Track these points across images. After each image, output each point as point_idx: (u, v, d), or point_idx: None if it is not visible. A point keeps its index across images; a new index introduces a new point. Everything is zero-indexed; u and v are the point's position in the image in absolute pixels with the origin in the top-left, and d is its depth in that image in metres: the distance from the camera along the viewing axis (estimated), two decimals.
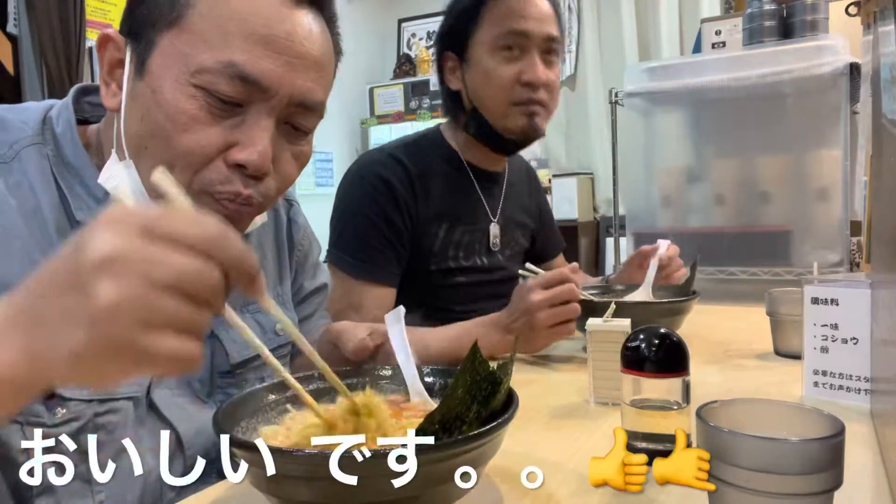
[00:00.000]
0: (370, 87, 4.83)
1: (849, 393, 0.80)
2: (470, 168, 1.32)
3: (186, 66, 0.62)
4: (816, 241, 1.70)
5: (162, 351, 0.40)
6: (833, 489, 0.43)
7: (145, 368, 0.42)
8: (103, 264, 0.39)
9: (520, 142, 1.28)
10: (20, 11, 2.88)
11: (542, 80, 1.21)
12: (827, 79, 1.62)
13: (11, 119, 0.69)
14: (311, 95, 0.68)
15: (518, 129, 1.24)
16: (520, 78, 1.21)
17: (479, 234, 1.33)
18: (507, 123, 1.24)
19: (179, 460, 0.70)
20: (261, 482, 0.49)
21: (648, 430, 0.64)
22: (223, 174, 0.65)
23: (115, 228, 0.40)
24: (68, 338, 0.41)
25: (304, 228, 0.94)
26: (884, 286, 0.65)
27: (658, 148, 2.04)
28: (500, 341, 1.01)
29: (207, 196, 0.66)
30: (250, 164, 0.65)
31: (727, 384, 0.90)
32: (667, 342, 0.64)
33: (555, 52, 1.25)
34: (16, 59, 2.89)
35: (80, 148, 0.69)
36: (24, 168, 0.66)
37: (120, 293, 0.39)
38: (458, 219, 1.29)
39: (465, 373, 0.50)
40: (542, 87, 1.22)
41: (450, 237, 1.28)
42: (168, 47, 0.63)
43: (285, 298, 0.88)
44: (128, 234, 0.40)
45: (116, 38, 0.67)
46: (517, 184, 1.45)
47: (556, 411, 0.81)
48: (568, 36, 4.28)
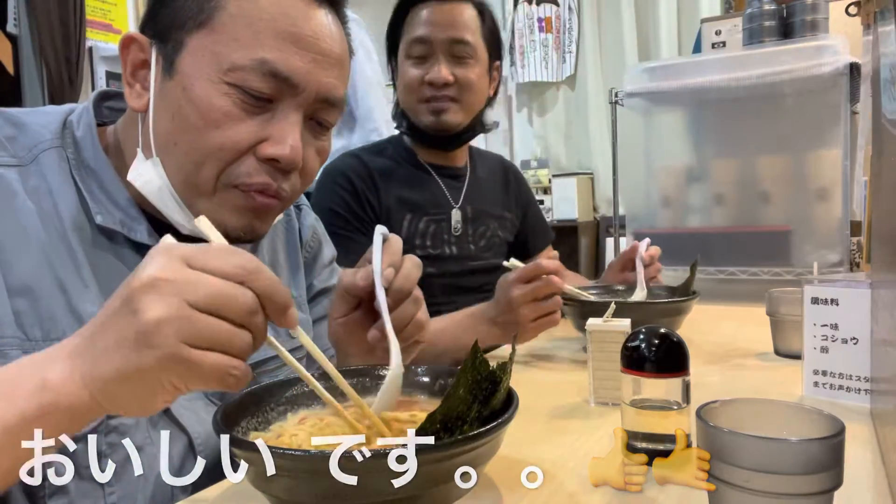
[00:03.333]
0: None
1: (849, 393, 0.80)
2: (429, 165, 1.42)
3: (219, 64, 0.64)
4: (816, 241, 1.70)
5: (206, 365, 0.44)
6: (833, 489, 0.43)
7: (191, 382, 0.46)
8: (148, 285, 0.44)
9: (437, 136, 1.38)
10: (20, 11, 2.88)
11: (442, 78, 1.31)
12: (827, 79, 1.62)
13: (31, 123, 0.69)
14: (335, 91, 0.70)
15: (428, 124, 1.35)
16: (423, 78, 1.33)
17: (444, 223, 1.39)
18: (420, 119, 1.36)
19: (191, 462, 0.70)
20: (261, 482, 0.49)
21: (648, 430, 0.64)
22: (253, 167, 0.67)
23: (159, 258, 0.46)
24: (119, 357, 0.45)
25: (314, 230, 0.94)
26: (884, 286, 0.65)
27: (658, 148, 2.03)
28: (486, 333, 1.06)
29: (235, 190, 0.67)
30: (283, 158, 0.66)
31: (727, 384, 0.91)
32: (667, 342, 0.64)
33: (464, 55, 1.34)
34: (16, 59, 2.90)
35: (99, 151, 0.70)
36: (42, 171, 0.67)
37: (162, 309, 0.44)
38: (421, 207, 1.37)
39: (466, 372, 0.50)
40: (449, 86, 1.32)
41: (414, 226, 1.36)
42: (198, 47, 0.65)
43: (300, 300, 0.88)
44: (170, 262, 0.45)
45: (141, 39, 0.68)
46: (487, 178, 1.52)
47: (556, 411, 0.81)
48: (568, 36, 4.29)
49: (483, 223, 1.45)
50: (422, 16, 1.33)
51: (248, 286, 0.46)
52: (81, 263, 0.65)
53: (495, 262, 1.49)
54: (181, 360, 0.44)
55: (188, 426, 0.70)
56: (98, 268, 0.66)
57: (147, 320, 0.43)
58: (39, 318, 0.62)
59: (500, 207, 1.52)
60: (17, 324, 0.61)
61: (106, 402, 0.47)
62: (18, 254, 0.62)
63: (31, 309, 0.62)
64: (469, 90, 1.34)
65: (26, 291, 0.62)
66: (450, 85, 1.32)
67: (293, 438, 0.56)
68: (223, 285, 0.45)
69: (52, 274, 0.63)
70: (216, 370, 0.45)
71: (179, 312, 0.44)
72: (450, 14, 1.33)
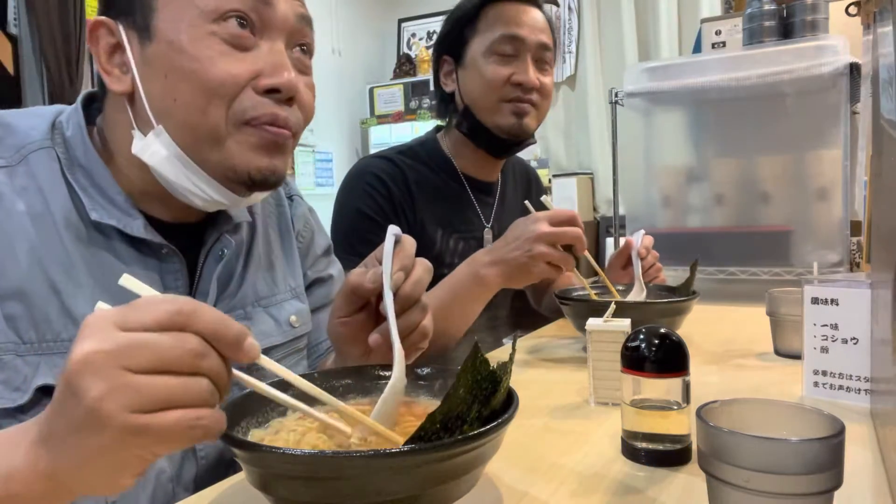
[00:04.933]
0: (370, 87, 4.83)
1: (849, 393, 0.80)
2: (464, 177, 1.38)
3: (197, 7, 0.65)
4: (816, 241, 1.70)
5: (164, 427, 0.41)
6: (833, 489, 0.43)
7: (156, 448, 0.43)
8: (82, 363, 0.41)
9: (509, 141, 1.32)
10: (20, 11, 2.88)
11: (534, 82, 1.28)
12: (827, 79, 1.62)
13: (18, 124, 0.69)
14: (303, 9, 0.72)
15: (507, 126, 1.29)
16: (511, 78, 1.27)
17: (474, 242, 1.36)
18: (497, 120, 1.29)
19: (191, 463, 0.71)
20: (260, 482, 0.49)
21: (648, 430, 0.64)
22: (255, 100, 0.67)
23: (90, 331, 0.42)
24: (74, 444, 0.42)
25: (306, 219, 0.94)
26: (884, 286, 0.65)
27: (658, 148, 2.04)
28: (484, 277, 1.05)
29: (247, 127, 0.67)
30: (283, 85, 0.67)
31: (727, 384, 0.91)
32: (667, 342, 0.64)
33: (547, 61, 1.31)
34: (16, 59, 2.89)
35: (90, 149, 0.70)
36: (32, 171, 0.67)
37: (101, 385, 0.40)
38: (453, 226, 1.33)
39: (467, 372, 0.50)
40: (534, 90, 1.28)
41: (446, 243, 1.32)
42: (170, 2, 0.65)
43: (299, 291, 0.88)
44: (101, 331, 0.42)
45: (108, 22, 0.68)
46: (513, 192, 1.49)
47: (556, 411, 0.81)
48: (568, 36, 4.28)
49: None
50: (510, 14, 1.28)
51: (189, 330, 0.43)
52: (75, 262, 0.65)
53: None
54: (135, 430, 0.40)
55: None
56: (93, 266, 0.66)
57: (89, 401, 0.40)
58: (34, 320, 0.62)
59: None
60: (10, 328, 0.61)
61: (75, 488, 0.45)
62: (8, 257, 0.62)
63: (24, 312, 0.62)
64: (547, 98, 1.32)
65: (19, 295, 0.62)
66: (536, 90, 1.29)
67: (291, 434, 0.56)
68: (159, 339, 0.41)
69: (44, 275, 0.63)
70: (177, 427, 0.41)
71: (118, 382, 0.40)
72: (538, 18, 1.30)
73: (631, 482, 0.60)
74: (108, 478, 0.44)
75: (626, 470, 0.63)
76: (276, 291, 0.83)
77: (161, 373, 0.41)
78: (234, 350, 0.44)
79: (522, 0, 1.30)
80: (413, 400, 0.64)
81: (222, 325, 0.44)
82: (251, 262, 0.81)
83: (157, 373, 0.41)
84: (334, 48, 4.62)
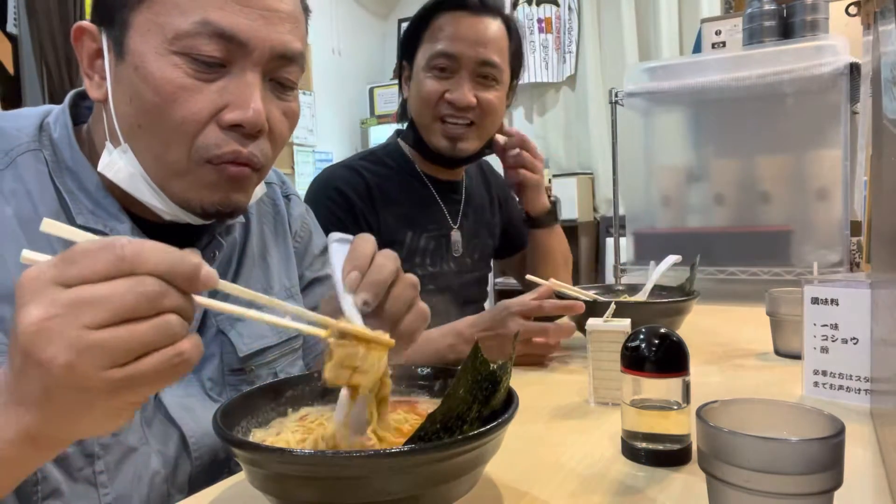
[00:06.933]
0: (370, 87, 4.82)
1: (849, 393, 0.80)
2: (427, 178, 1.37)
3: (164, 34, 0.63)
4: (816, 241, 1.70)
5: (147, 373, 0.40)
6: (833, 489, 0.43)
7: (144, 391, 0.42)
8: (38, 334, 0.39)
9: (446, 159, 1.32)
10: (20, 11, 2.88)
11: (465, 102, 1.25)
12: (827, 79, 1.62)
13: (5, 127, 0.69)
14: (290, 46, 0.68)
15: (441, 148, 1.29)
16: (444, 95, 1.25)
17: (443, 241, 1.36)
18: (432, 140, 1.29)
19: (186, 461, 0.70)
20: (260, 482, 0.49)
21: (648, 430, 0.64)
22: (219, 137, 0.65)
23: (30, 294, 0.40)
24: (63, 409, 0.42)
25: (303, 219, 0.94)
26: (884, 286, 0.65)
27: (658, 148, 2.03)
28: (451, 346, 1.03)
29: (208, 165, 0.66)
30: (246, 121, 0.65)
31: (727, 384, 0.91)
32: (667, 342, 0.64)
33: (492, 77, 1.27)
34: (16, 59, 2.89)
35: (77, 151, 0.69)
36: (20, 174, 0.66)
37: (66, 351, 0.39)
38: (420, 226, 1.33)
39: (467, 372, 0.50)
40: (470, 109, 1.26)
41: (415, 244, 1.32)
42: (143, 22, 0.64)
43: (294, 291, 0.88)
44: (43, 293, 0.39)
45: (90, 28, 0.68)
46: (476, 187, 1.49)
47: (556, 411, 0.81)
48: (568, 36, 4.28)
49: (477, 236, 1.44)
50: (450, 28, 1.24)
51: (139, 273, 0.40)
52: None
53: (486, 272, 1.49)
54: (117, 383, 0.40)
55: (182, 424, 0.70)
56: None
57: (58, 369, 0.39)
58: None
59: (489, 215, 1.50)
60: (2, 330, 0.61)
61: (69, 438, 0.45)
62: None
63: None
64: (489, 115, 1.28)
65: (9, 298, 0.61)
66: (471, 108, 1.25)
67: (293, 435, 0.56)
68: (112, 289, 0.39)
69: None
70: (160, 369, 0.40)
71: (82, 344, 0.39)
72: (481, 30, 1.24)
73: (631, 482, 0.60)
74: (103, 424, 0.44)
75: (626, 470, 0.63)
76: (270, 291, 0.83)
77: (124, 322, 0.40)
78: (192, 283, 0.42)
79: (476, 10, 1.25)
80: (413, 400, 0.64)
81: (177, 261, 0.41)
82: (245, 262, 0.81)
83: (119, 323, 0.39)
84: (334, 48, 4.61)
